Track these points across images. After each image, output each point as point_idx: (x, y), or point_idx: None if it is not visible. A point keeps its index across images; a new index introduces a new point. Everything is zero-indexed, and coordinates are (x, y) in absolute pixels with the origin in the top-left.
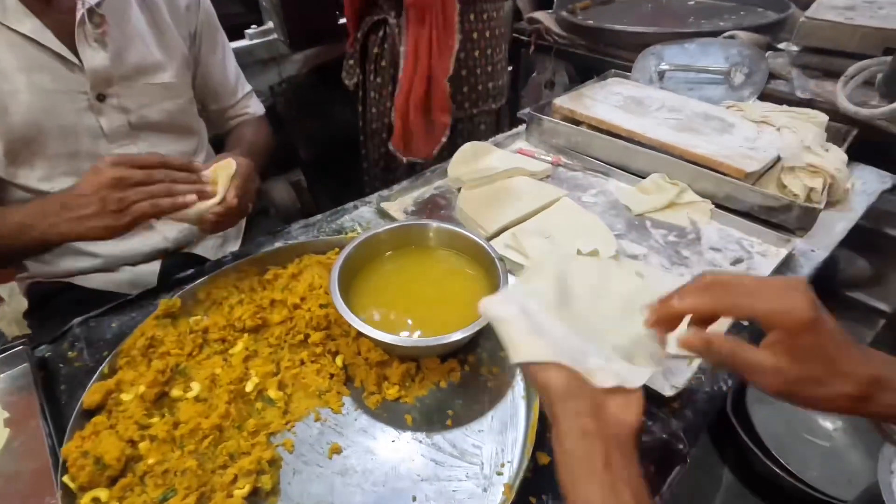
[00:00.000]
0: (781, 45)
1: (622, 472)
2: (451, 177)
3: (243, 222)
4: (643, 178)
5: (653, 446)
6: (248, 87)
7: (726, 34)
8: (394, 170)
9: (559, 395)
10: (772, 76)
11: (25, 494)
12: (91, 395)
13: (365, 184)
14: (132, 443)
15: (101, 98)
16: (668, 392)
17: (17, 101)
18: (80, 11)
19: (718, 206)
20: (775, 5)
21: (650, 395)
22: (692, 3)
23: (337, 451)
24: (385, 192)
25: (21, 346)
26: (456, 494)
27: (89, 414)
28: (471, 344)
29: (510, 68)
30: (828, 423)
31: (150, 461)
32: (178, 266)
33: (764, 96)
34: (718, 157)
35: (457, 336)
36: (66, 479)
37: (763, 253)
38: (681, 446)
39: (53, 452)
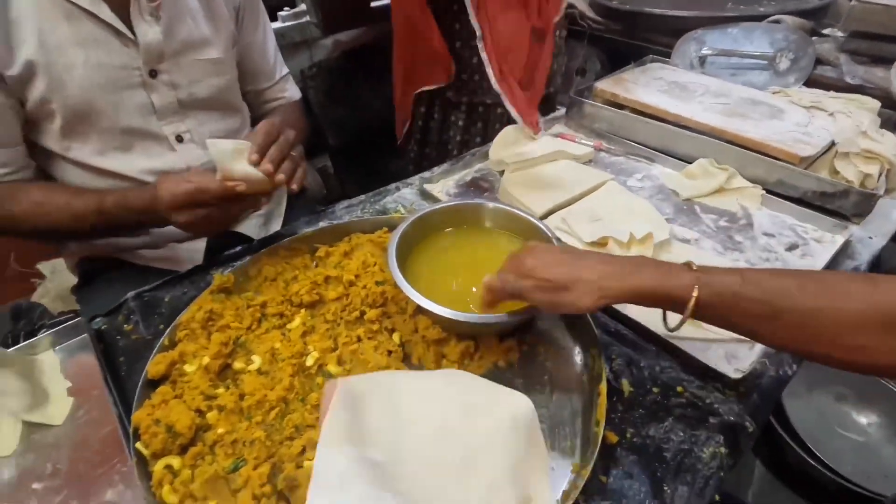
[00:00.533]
0: (826, 31)
1: None
2: (493, 159)
3: (284, 202)
4: (689, 163)
5: (721, 428)
6: (286, 70)
7: (771, 18)
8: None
9: None
10: (818, 62)
11: (95, 462)
12: (155, 365)
13: (408, 160)
14: (200, 413)
15: (153, 74)
16: (733, 375)
17: (72, 76)
18: None
19: (768, 191)
20: None
21: (716, 376)
22: None
23: None
24: (427, 175)
25: (78, 319)
26: None
27: (153, 384)
28: (528, 324)
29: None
30: (862, 418)
31: (220, 431)
32: (223, 244)
33: (809, 82)
34: (771, 141)
35: (518, 314)
36: (139, 445)
37: (818, 239)
38: (750, 428)
39: (121, 420)
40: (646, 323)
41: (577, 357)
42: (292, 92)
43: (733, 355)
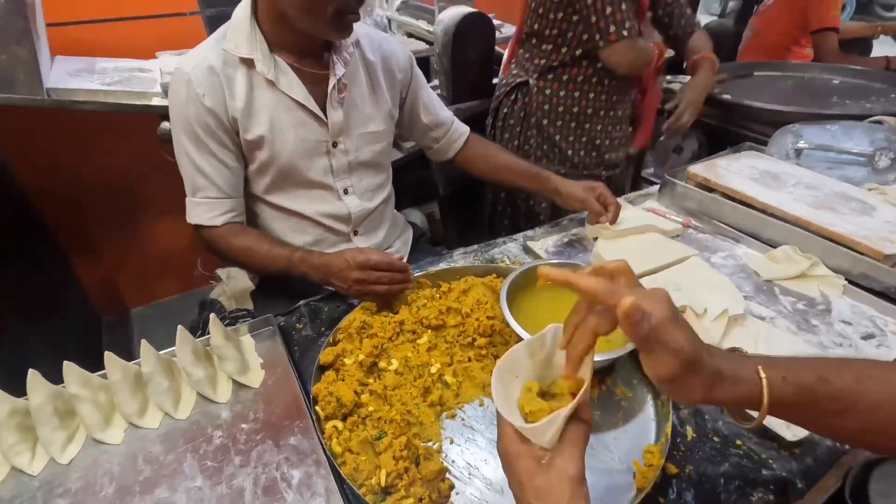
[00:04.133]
0: None
1: None
2: (589, 227)
3: (409, 244)
4: (773, 247)
5: (773, 480)
6: (451, 114)
7: (872, 119)
8: (510, 215)
9: None
10: None
11: (281, 416)
12: (325, 355)
13: (493, 223)
14: (356, 393)
15: (334, 144)
16: (790, 437)
17: (286, 149)
18: (332, 82)
19: (851, 282)
20: None
21: (774, 437)
22: (837, 81)
23: (495, 427)
24: (530, 233)
25: (268, 315)
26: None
27: (322, 368)
28: (608, 368)
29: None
30: None
31: (370, 408)
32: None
33: None
34: (856, 236)
35: (601, 357)
36: (317, 408)
37: None
38: (799, 485)
39: (301, 390)
40: None
41: (649, 400)
42: (463, 127)
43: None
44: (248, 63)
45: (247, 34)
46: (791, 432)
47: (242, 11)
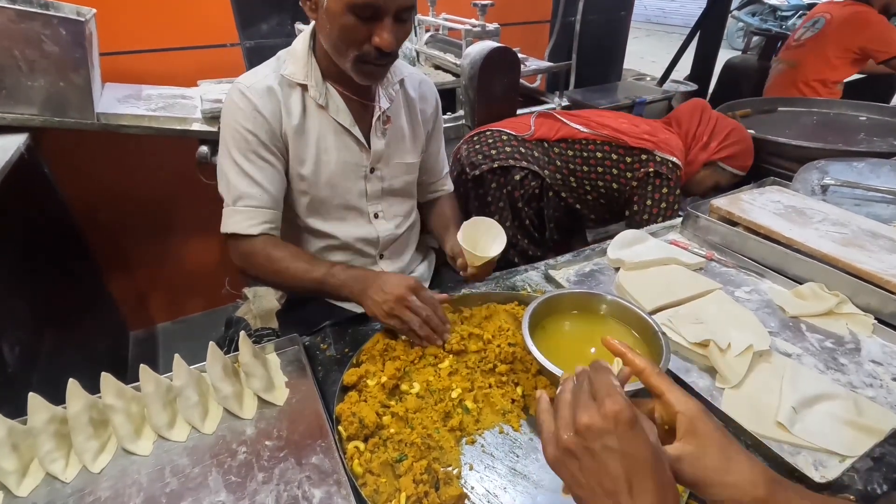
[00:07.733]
0: None
1: None
2: (611, 258)
3: (433, 268)
4: (799, 283)
5: None
6: (447, 169)
7: None
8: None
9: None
10: None
11: (304, 435)
12: (349, 376)
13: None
14: (378, 415)
15: (372, 171)
16: (818, 479)
17: (328, 169)
18: (377, 113)
19: (881, 321)
20: None
21: (801, 478)
22: (863, 118)
23: (515, 455)
24: (552, 262)
25: (294, 334)
26: None
27: (345, 389)
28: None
29: None
30: None
31: (392, 430)
32: None
33: None
34: (886, 275)
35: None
36: (340, 428)
37: None
38: None
39: (324, 409)
40: (738, 419)
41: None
42: (449, 185)
43: (822, 464)
44: (303, 88)
45: (303, 63)
46: (819, 473)
47: (302, 44)
